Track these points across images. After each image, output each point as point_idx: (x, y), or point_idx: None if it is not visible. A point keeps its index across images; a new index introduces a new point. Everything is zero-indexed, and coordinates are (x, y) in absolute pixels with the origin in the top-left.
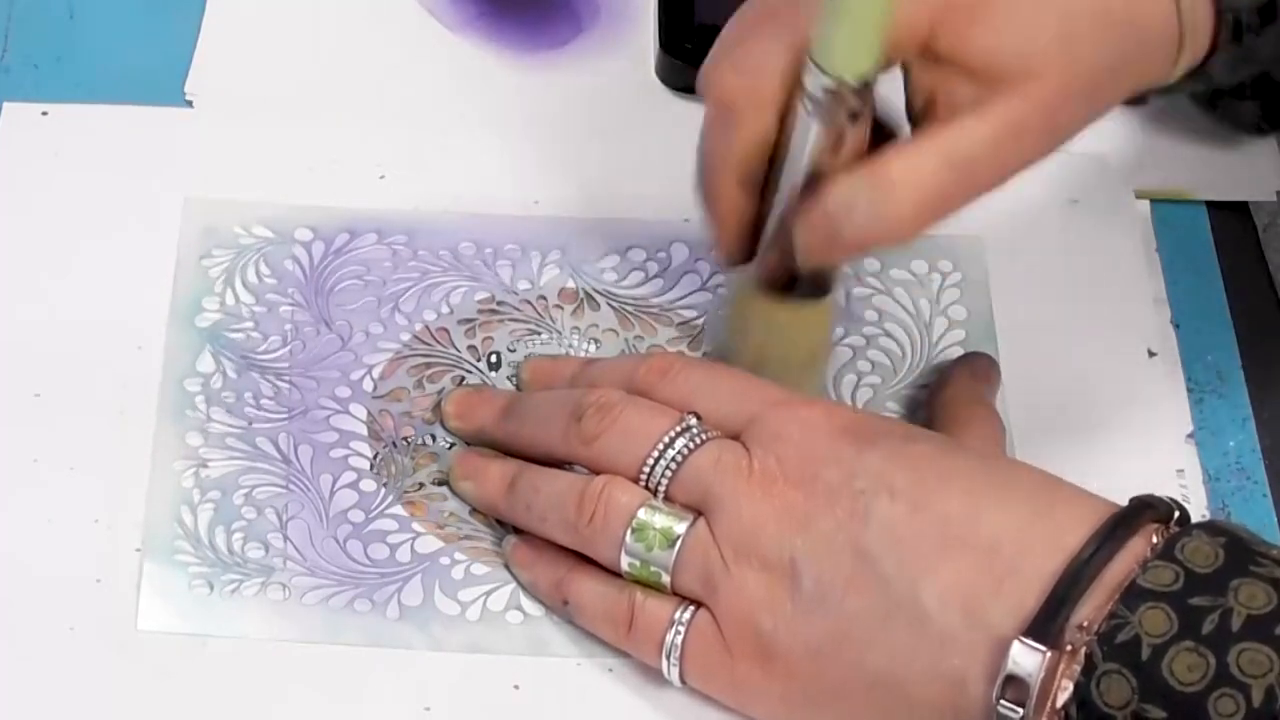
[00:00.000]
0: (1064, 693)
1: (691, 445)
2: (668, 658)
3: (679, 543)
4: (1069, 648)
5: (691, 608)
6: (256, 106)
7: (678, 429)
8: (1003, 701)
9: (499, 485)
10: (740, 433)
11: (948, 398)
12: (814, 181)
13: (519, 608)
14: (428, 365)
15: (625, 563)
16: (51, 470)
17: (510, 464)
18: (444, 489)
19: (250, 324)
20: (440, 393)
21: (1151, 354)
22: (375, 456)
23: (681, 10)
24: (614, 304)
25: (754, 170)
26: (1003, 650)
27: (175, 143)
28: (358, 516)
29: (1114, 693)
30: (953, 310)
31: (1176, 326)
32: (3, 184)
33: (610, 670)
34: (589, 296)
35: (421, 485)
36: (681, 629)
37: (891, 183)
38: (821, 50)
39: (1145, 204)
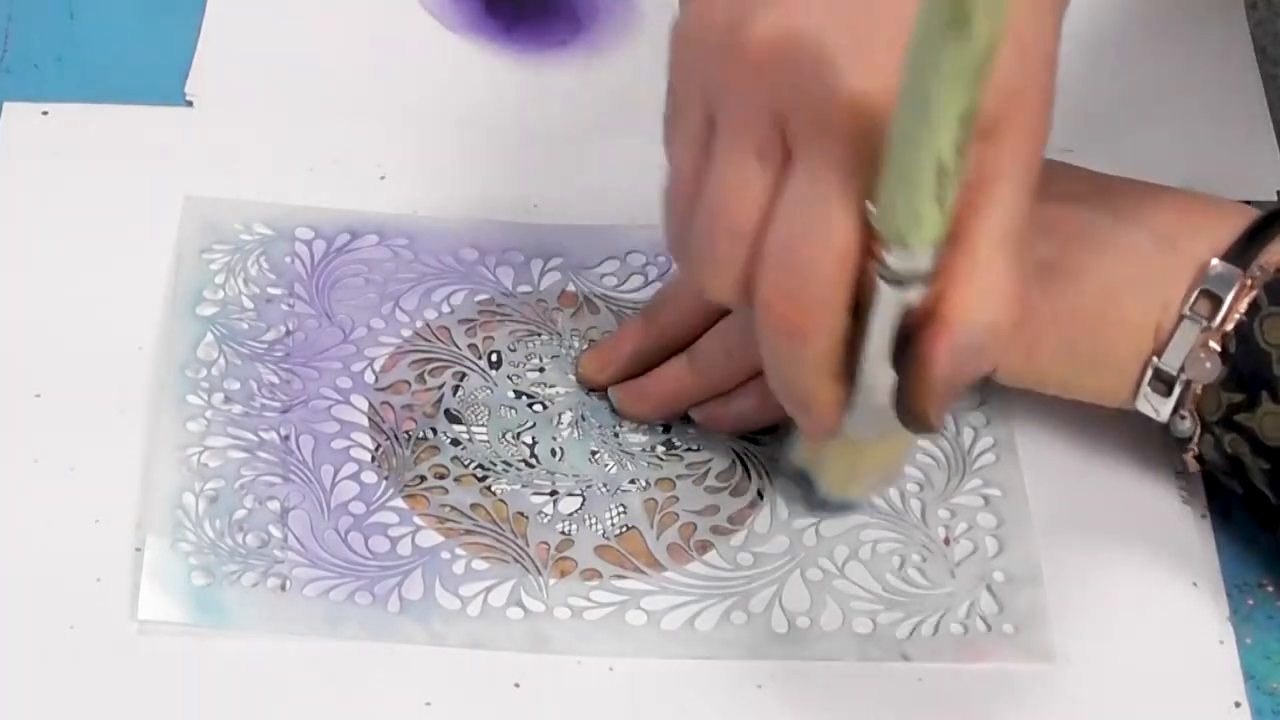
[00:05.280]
0: (1230, 322)
1: None
2: None
3: None
4: (1249, 282)
5: None
6: (256, 106)
7: None
8: (1191, 310)
9: (678, 371)
10: None
11: None
12: (903, 333)
13: (519, 604)
14: (428, 360)
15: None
16: (51, 470)
17: (674, 359)
18: (445, 483)
19: (252, 313)
20: (441, 387)
21: None
22: (376, 449)
23: None
24: (613, 308)
25: (840, 362)
26: (1203, 271)
27: (175, 143)
28: (359, 508)
29: (1275, 332)
30: None
31: None
32: (3, 184)
33: (611, 669)
34: (589, 300)
35: (423, 479)
36: None
37: (984, 318)
38: (892, 229)
39: None
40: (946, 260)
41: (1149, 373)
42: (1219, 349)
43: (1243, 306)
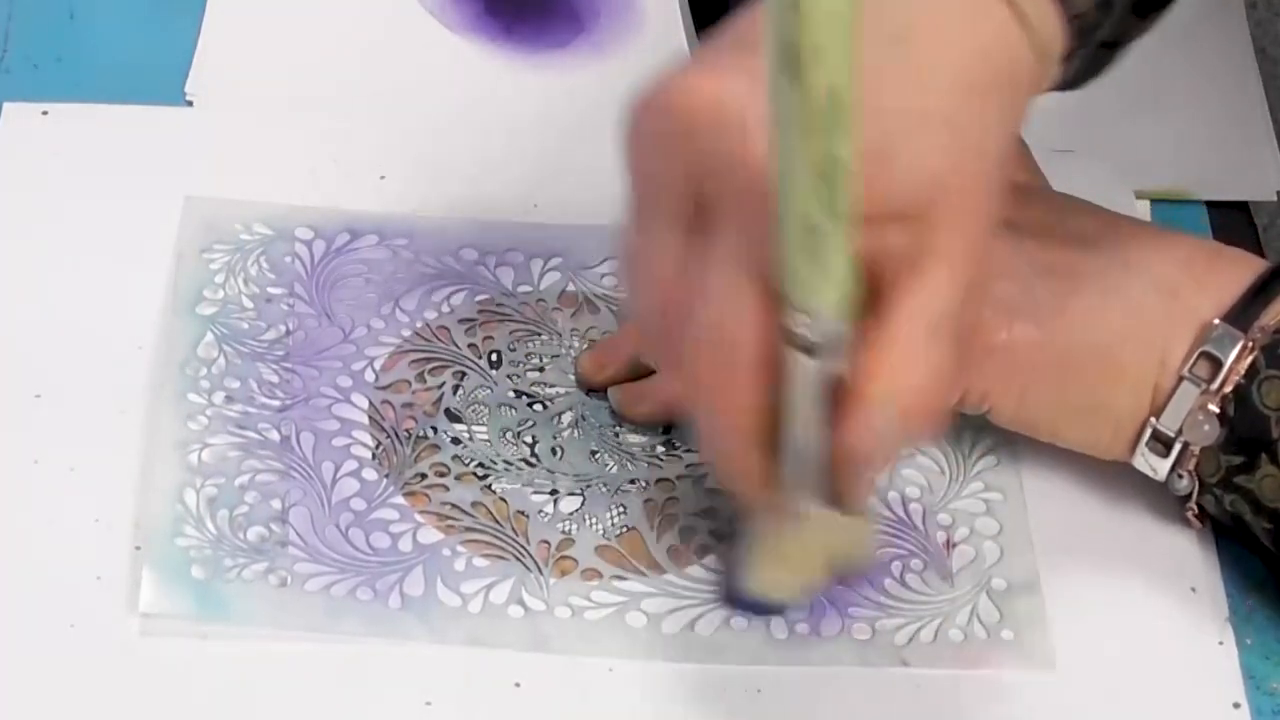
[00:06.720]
0: (1229, 385)
1: None
2: None
3: None
4: (1249, 344)
5: None
6: (256, 106)
7: None
8: (1191, 373)
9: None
10: None
11: None
12: (828, 401)
13: (520, 602)
14: (428, 360)
15: None
16: (51, 470)
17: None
18: (446, 480)
19: (253, 312)
20: (441, 386)
21: None
22: (377, 446)
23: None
24: (613, 308)
25: (764, 432)
26: (1204, 331)
27: (175, 142)
28: (359, 505)
29: (1273, 395)
30: None
31: None
32: (3, 184)
33: (611, 670)
34: (588, 301)
35: (423, 476)
36: None
37: (898, 395)
38: (782, 290)
39: (1145, 204)
40: (869, 335)
41: (1147, 432)
42: (1218, 411)
43: (1242, 369)
